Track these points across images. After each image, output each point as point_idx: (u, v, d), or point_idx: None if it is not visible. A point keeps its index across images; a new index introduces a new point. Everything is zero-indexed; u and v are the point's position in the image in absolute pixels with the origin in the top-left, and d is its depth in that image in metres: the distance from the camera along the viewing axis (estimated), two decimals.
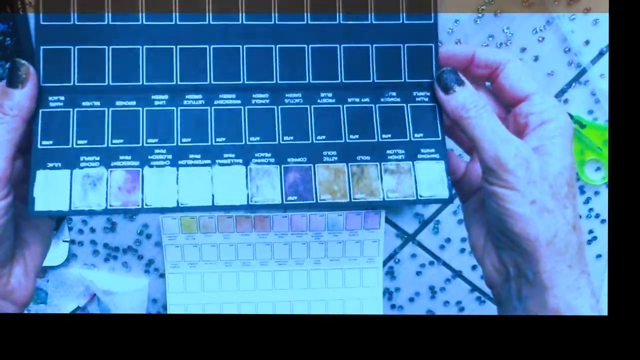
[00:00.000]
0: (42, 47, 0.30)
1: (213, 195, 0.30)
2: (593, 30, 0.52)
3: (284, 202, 0.31)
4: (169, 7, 0.30)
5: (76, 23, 0.30)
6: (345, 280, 0.60)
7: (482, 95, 0.31)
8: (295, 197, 0.31)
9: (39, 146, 0.29)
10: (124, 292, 0.59)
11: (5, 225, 0.27)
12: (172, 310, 0.59)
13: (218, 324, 0.28)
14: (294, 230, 0.57)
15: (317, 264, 0.59)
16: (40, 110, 0.30)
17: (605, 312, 0.28)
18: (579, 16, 0.51)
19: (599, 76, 0.53)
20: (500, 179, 0.28)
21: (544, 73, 0.53)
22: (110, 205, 0.30)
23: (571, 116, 0.54)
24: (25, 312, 0.57)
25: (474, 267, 0.61)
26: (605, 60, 0.53)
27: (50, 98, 0.30)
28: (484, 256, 0.31)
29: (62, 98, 0.30)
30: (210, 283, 0.59)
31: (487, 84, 0.34)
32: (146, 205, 0.30)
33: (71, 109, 0.30)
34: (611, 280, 0.27)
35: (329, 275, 0.60)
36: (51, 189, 0.29)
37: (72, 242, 0.57)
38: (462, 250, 0.60)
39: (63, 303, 0.58)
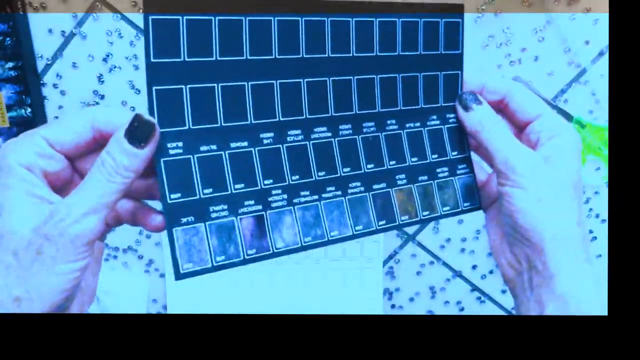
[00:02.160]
0: (154, 88, 0.27)
1: (326, 230, 0.32)
2: (593, 30, 0.52)
3: (377, 228, 0.33)
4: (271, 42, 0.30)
5: (186, 60, 0.27)
6: (345, 280, 0.60)
7: (496, 114, 0.34)
8: (384, 222, 0.33)
9: (169, 201, 0.27)
10: (124, 292, 0.59)
11: (79, 279, 0.26)
12: (172, 310, 0.59)
13: (218, 324, 0.28)
14: None
15: (317, 264, 0.59)
16: (162, 160, 0.27)
17: (605, 309, 0.28)
18: (579, 16, 0.51)
19: (599, 76, 0.53)
20: (509, 180, 0.31)
21: (544, 73, 0.53)
22: (247, 255, 0.29)
23: (572, 118, 0.54)
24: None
25: (474, 267, 0.61)
26: (605, 60, 0.53)
27: (168, 145, 0.27)
28: (500, 254, 0.34)
29: (181, 144, 0.28)
30: (210, 283, 0.59)
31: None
32: (276, 249, 0.30)
33: (191, 156, 0.28)
34: (611, 280, 0.27)
35: (329, 275, 0.60)
36: (191, 246, 0.28)
37: None
38: (462, 250, 0.60)
39: None
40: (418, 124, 0.35)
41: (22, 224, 0.24)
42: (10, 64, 0.52)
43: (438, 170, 0.35)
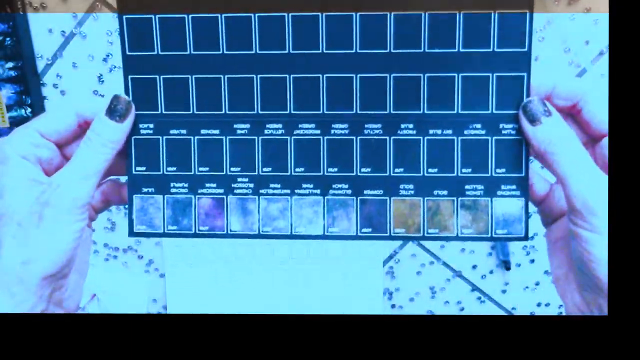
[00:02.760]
0: (129, 77, 0.31)
1: (292, 225, 0.32)
2: (593, 30, 0.52)
3: (358, 234, 0.32)
4: (251, 37, 0.31)
5: (160, 53, 0.31)
6: (345, 280, 0.60)
7: (570, 128, 0.29)
8: (370, 230, 0.32)
9: (134, 172, 0.32)
10: (124, 292, 0.59)
11: (78, 245, 0.29)
12: (172, 310, 0.59)
13: (218, 324, 0.28)
14: None
15: (317, 264, 0.59)
16: (132, 137, 0.32)
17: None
18: (579, 16, 0.51)
19: (599, 76, 0.53)
20: (586, 222, 0.27)
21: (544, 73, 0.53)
22: (198, 230, 0.32)
23: None
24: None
25: (474, 267, 0.61)
26: (605, 60, 0.53)
27: (140, 125, 0.32)
28: (565, 291, 0.30)
29: (152, 126, 0.32)
30: (210, 283, 0.59)
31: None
32: (231, 231, 0.32)
33: (160, 137, 0.32)
34: (611, 280, 0.27)
35: (329, 275, 0.60)
36: (147, 213, 0.32)
37: None
38: (462, 250, 0.60)
39: None
40: (449, 132, 0.31)
41: (23, 201, 0.28)
42: (10, 64, 0.52)
43: (468, 187, 0.31)
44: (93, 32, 0.52)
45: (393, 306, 0.62)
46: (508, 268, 0.59)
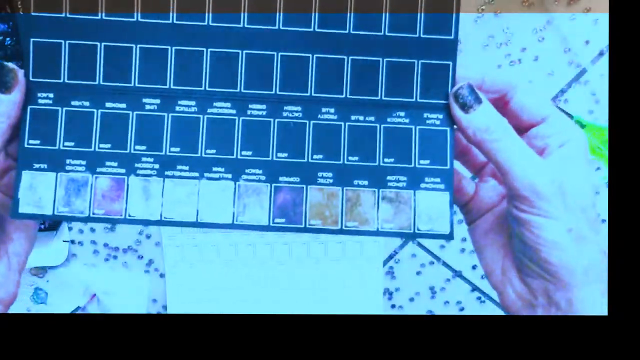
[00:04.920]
0: (31, 40, 0.29)
1: (198, 211, 0.29)
2: (593, 30, 0.52)
3: (271, 225, 0.29)
4: (168, 6, 0.29)
5: (68, 16, 0.28)
6: (345, 280, 0.60)
7: (504, 117, 0.29)
8: (284, 220, 0.29)
9: (26, 145, 0.29)
10: (124, 292, 0.59)
11: None
12: (172, 310, 0.59)
13: (218, 324, 0.28)
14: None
15: (317, 264, 0.59)
16: (29, 107, 0.29)
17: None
18: (579, 16, 0.51)
19: (599, 76, 0.53)
20: (534, 207, 0.26)
21: (544, 73, 0.53)
22: (93, 213, 0.29)
23: (571, 116, 0.54)
24: (25, 312, 0.57)
25: (474, 267, 0.61)
26: (605, 60, 0.53)
27: (39, 94, 0.29)
28: (504, 283, 0.29)
29: (51, 95, 0.29)
30: (210, 283, 0.59)
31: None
32: (129, 215, 0.29)
33: (60, 108, 0.29)
34: (611, 280, 0.27)
35: (329, 274, 0.60)
36: (36, 191, 0.29)
37: (72, 242, 0.57)
38: (462, 250, 0.60)
39: (63, 303, 0.58)
40: (372, 119, 0.29)
41: None
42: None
43: (390, 177, 0.29)
44: None
45: (393, 306, 0.62)
46: None
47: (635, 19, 0.28)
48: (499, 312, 0.63)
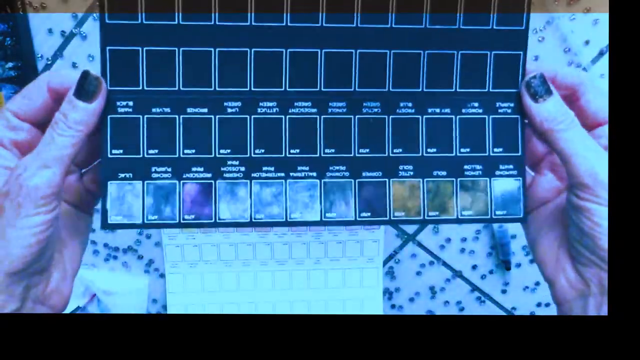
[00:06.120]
0: (108, 48, 0.28)
1: (287, 210, 0.30)
2: (593, 30, 0.52)
3: (357, 219, 0.30)
4: (244, 7, 0.28)
5: (144, 22, 0.28)
6: (345, 280, 0.60)
7: (571, 111, 0.29)
8: (369, 214, 0.30)
9: (109, 155, 0.29)
10: (124, 292, 0.59)
11: (50, 236, 0.26)
12: (172, 310, 0.59)
13: (218, 324, 0.28)
14: (294, 230, 0.57)
15: (317, 264, 0.59)
16: (108, 117, 0.29)
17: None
18: (579, 16, 0.51)
19: (599, 76, 0.53)
20: (595, 195, 0.27)
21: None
22: (183, 219, 0.29)
23: None
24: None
25: (474, 267, 0.61)
26: (605, 60, 0.53)
27: (118, 103, 0.29)
28: (557, 272, 0.30)
29: (131, 103, 0.29)
30: (210, 283, 0.59)
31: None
32: (219, 219, 0.30)
33: (141, 116, 0.29)
34: (611, 280, 0.27)
35: (329, 275, 0.60)
36: (124, 201, 0.29)
37: None
38: (462, 250, 0.60)
39: None
40: (448, 110, 0.30)
41: None
42: (10, 64, 0.52)
43: (467, 167, 0.31)
44: (93, 32, 0.52)
45: (393, 306, 0.62)
46: (508, 268, 0.59)
47: (635, 19, 0.28)
48: (499, 312, 0.63)
